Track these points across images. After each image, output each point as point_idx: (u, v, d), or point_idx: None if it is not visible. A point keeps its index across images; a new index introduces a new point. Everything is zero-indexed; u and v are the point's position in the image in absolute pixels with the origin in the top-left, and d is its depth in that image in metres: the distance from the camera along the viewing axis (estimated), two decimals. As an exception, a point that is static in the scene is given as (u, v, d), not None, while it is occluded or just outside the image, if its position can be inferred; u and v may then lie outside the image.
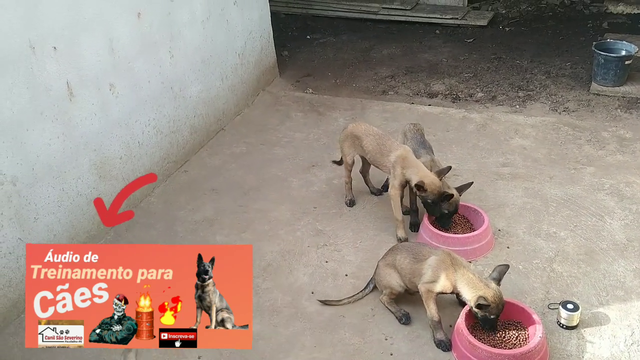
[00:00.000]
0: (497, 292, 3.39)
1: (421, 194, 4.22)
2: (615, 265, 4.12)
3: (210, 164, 5.54)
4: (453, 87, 6.80)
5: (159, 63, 5.04)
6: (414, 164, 4.29)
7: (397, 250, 3.82)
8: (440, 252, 3.64)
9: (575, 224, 4.51)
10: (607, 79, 6.36)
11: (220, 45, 5.85)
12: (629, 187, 4.88)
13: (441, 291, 3.55)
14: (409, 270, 3.67)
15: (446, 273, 3.50)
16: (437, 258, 3.57)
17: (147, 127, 4.99)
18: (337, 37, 8.36)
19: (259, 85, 6.69)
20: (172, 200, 5.02)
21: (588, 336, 3.60)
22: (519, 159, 5.35)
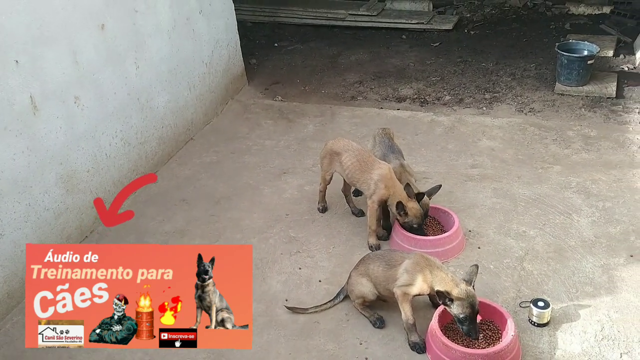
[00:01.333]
0: (463, 290, 3.39)
1: (404, 220, 4.24)
2: (584, 262, 4.19)
3: (180, 174, 5.49)
4: (421, 91, 6.87)
5: (125, 74, 4.98)
6: (397, 185, 4.28)
7: (370, 260, 3.81)
8: (413, 255, 3.66)
9: (544, 223, 4.58)
10: (571, 79, 6.49)
11: (186, 54, 5.82)
12: (594, 184, 4.98)
13: (418, 293, 3.57)
14: (384, 277, 3.67)
15: (423, 275, 3.51)
16: (411, 261, 3.59)
17: (115, 139, 4.92)
18: (305, 44, 8.38)
19: (228, 94, 6.66)
20: (142, 211, 4.95)
21: (559, 333, 3.65)
22: (487, 160, 5.42)
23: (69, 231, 4.48)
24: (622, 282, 3.99)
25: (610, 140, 5.58)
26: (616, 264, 4.14)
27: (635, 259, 4.18)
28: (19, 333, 3.64)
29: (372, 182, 4.30)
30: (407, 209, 4.18)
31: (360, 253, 4.36)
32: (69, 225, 4.46)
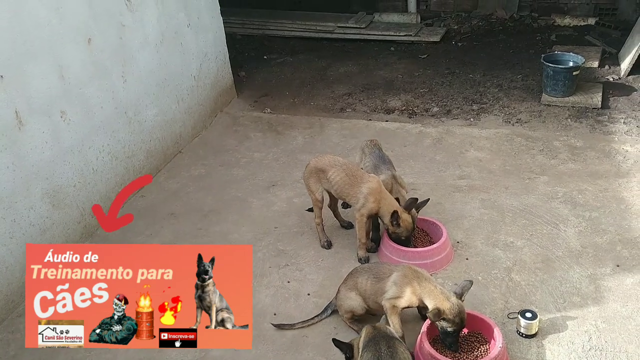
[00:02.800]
0: (455, 305, 3.41)
1: (395, 231, 4.24)
2: (571, 272, 4.20)
3: (168, 187, 5.48)
4: (409, 103, 6.90)
5: (112, 88, 4.98)
6: (388, 198, 4.27)
7: (358, 273, 3.80)
8: (401, 267, 3.66)
9: (531, 233, 4.60)
10: (557, 90, 6.55)
11: (175, 68, 5.83)
12: (581, 194, 5.01)
13: (407, 305, 3.56)
14: (372, 290, 3.66)
15: (411, 287, 3.51)
16: (400, 274, 3.59)
17: (102, 153, 4.91)
18: (294, 57, 8.41)
19: (217, 107, 6.67)
20: (129, 226, 4.83)
21: (547, 344, 3.66)
22: (475, 171, 5.44)
23: None
24: (609, 292, 4.00)
25: (596, 150, 5.62)
26: (603, 274, 4.16)
27: (621, 268, 4.20)
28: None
29: (361, 195, 4.27)
30: (401, 220, 4.18)
31: (349, 265, 4.36)
32: (54, 241, 4.42)
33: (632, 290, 4.00)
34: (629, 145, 5.65)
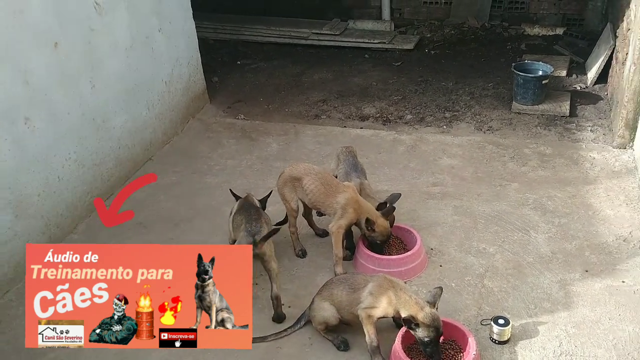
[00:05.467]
0: (429, 314, 3.40)
1: (371, 235, 4.22)
2: (542, 278, 4.25)
3: (137, 196, 5.29)
4: (383, 110, 6.93)
5: (79, 94, 4.87)
6: (364, 204, 4.25)
7: (333, 284, 3.77)
8: (377, 277, 3.64)
9: (503, 239, 4.64)
10: (527, 98, 6.64)
11: (145, 73, 5.74)
12: (551, 200, 5.08)
13: (383, 315, 3.54)
14: (347, 301, 3.64)
15: (387, 297, 3.49)
16: (375, 284, 3.57)
17: (68, 160, 4.79)
18: (268, 63, 8.38)
19: (189, 113, 6.59)
20: (97, 236, 4.81)
21: (519, 350, 3.68)
22: (448, 178, 5.48)
23: (18, 258, 4.22)
24: (578, 297, 4.05)
25: (565, 157, 5.71)
26: (572, 279, 4.22)
27: (590, 273, 4.26)
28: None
29: (338, 206, 4.23)
30: (376, 225, 4.16)
31: (323, 274, 4.34)
32: (17, 253, 4.23)
33: (600, 295, 4.06)
34: (596, 152, 5.75)
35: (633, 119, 5.56)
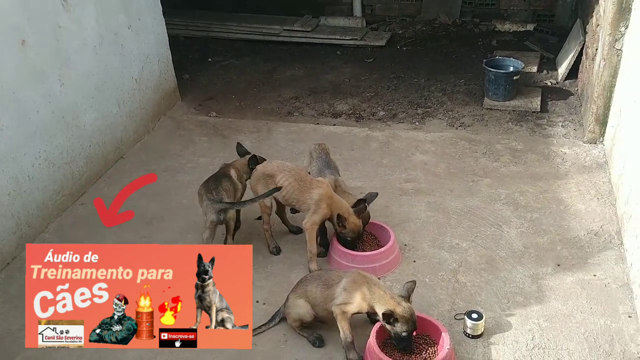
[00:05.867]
0: (406, 308, 3.43)
1: (342, 231, 4.23)
2: (514, 272, 4.30)
3: (110, 194, 5.25)
4: (356, 107, 6.93)
5: (48, 92, 4.78)
6: (338, 200, 4.25)
7: (307, 281, 3.77)
8: (350, 273, 3.64)
9: (476, 235, 4.69)
10: (498, 94, 6.72)
11: (115, 70, 5.65)
12: (522, 196, 5.14)
13: (357, 311, 3.54)
14: (322, 297, 3.64)
15: (361, 293, 3.50)
16: (349, 280, 3.57)
17: (38, 159, 4.70)
18: (240, 59, 8.32)
19: (160, 110, 6.51)
20: (69, 235, 4.74)
21: (492, 343, 3.73)
22: (421, 174, 5.51)
23: None
24: (551, 291, 4.12)
25: (536, 152, 5.79)
26: (544, 273, 4.28)
27: (562, 267, 4.33)
28: None
29: (312, 202, 4.24)
30: (347, 222, 4.17)
31: (298, 271, 4.33)
32: (-14, 252, 4.20)
33: (572, 289, 4.12)
34: (566, 147, 5.84)
35: (603, 114, 5.66)
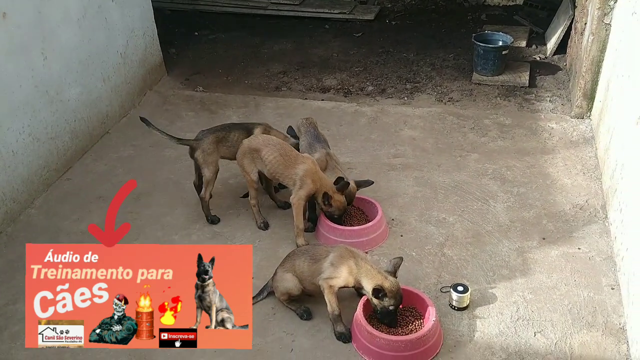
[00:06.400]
0: (394, 283, 3.46)
1: (328, 210, 4.24)
2: (500, 246, 4.34)
3: (96, 169, 5.27)
4: (344, 82, 6.89)
5: (31, 66, 4.70)
6: (323, 177, 4.26)
7: (295, 256, 3.79)
8: (337, 247, 3.66)
9: (463, 209, 4.71)
10: (487, 69, 6.70)
11: (99, 44, 5.57)
12: (509, 170, 5.17)
13: (344, 285, 3.57)
14: (309, 272, 3.66)
15: (348, 267, 3.53)
16: (336, 254, 3.59)
17: (22, 134, 4.65)
18: (227, 33, 8.22)
19: (146, 85, 6.44)
20: (55, 210, 4.72)
21: (478, 315, 3.77)
22: (409, 150, 5.51)
23: None
24: (535, 264, 4.16)
25: (524, 128, 5.80)
26: (530, 247, 4.32)
27: (547, 241, 4.37)
28: None
29: (297, 177, 4.24)
30: (332, 200, 4.18)
31: (286, 246, 4.35)
32: (-28, 227, 4.19)
33: (556, 262, 4.17)
34: (554, 122, 5.86)
35: (591, 89, 5.67)
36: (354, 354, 3.53)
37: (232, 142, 4.58)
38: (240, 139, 4.59)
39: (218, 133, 4.65)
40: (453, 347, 3.57)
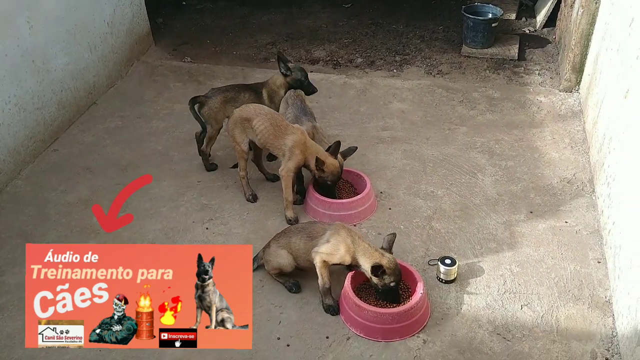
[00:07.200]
0: (392, 260, 3.49)
1: (320, 175, 4.22)
2: (488, 219, 4.38)
3: (83, 140, 5.22)
4: (333, 53, 6.84)
5: (17, 34, 4.61)
6: (312, 146, 4.23)
7: (291, 233, 3.78)
8: (334, 225, 3.66)
9: (451, 182, 4.74)
10: (476, 42, 6.67)
11: (86, 13, 5.46)
12: (498, 144, 5.19)
13: (339, 262, 3.58)
14: (305, 249, 3.66)
15: (345, 245, 3.53)
16: (333, 232, 3.60)
17: (8, 104, 4.58)
18: (215, 3, 8.10)
19: (133, 55, 6.35)
20: (42, 182, 4.68)
21: (465, 288, 3.82)
22: (398, 122, 5.51)
23: None
24: (523, 238, 4.21)
25: (513, 101, 5.81)
26: (517, 220, 4.36)
27: (534, 215, 4.41)
28: None
29: (286, 148, 4.23)
30: (325, 165, 4.17)
31: (274, 218, 4.36)
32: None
33: (543, 235, 4.22)
34: (542, 96, 5.87)
35: (580, 63, 5.67)
36: (342, 326, 3.57)
37: (241, 103, 4.61)
38: (249, 100, 4.66)
39: (227, 93, 4.73)
40: (440, 319, 3.62)
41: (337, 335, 3.53)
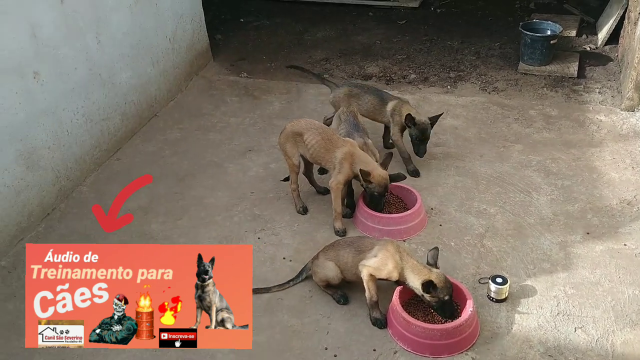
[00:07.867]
0: (440, 274, 3.48)
1: (368, 186, 4.23)
2: (542, 239, 4.29)
3: (144, 151, 5.43)
4: (387, 69, 6.88)
5: (86, 49, 4.87)
6: (362, 158, 4.26)
7: (340, 247, 3.81)
8: (383, 241, 3.69)
9: (504, 201, 4.68)
10: (534, 59, 6.58)
11: (149, 29, 5.70)
12: (554, 163, 5.09)
13: (386, 278, 3.59)
14: (353, 263, 3.69)
15: (394, 261, 3.54)
16: (381, 247, 3.62)
17: (76, 115, 4.82)
18: (271, 20, 8.28)
19: (192, 70, 6.57)
20: (105, 189, 4.89)
21: (517, 308, 3.75)
22: (451, 139, 5.48)
23: (30, 208, 4.41)
24: (578, 259, 4.11)
25: (571, 119, 5.69)
26: (573, 241, 4.26)
27: (591, 236, 4.30)
28: None
29: (336, 161, 4.28)
30: (372, 176, 4.17)
31: (324, 230, 4.41)
32: (30, 203, 4.40)
33: (600, 258, 4.11)
34: (603, 115, 5.73)
35: (643, 81, 5.51)
36: (389, 339, 3.57)
37: (363, 102, 5.07)
38: (371, 103, 5.07)
39: (354, 88, 5.20)
40: (490, 338, 3.56)
41: (384, 348, 3.53)
